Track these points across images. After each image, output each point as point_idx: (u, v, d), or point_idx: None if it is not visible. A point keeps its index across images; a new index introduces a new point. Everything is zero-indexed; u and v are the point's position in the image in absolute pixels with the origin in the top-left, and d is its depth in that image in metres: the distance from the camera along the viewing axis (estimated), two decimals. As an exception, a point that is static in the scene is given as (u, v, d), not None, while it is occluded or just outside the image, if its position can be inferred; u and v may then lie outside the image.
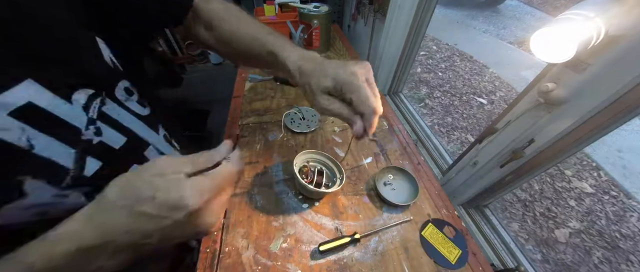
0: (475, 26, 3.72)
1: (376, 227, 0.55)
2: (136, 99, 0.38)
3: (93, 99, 0.31)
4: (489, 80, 2.58)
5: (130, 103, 0.37)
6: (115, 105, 0.34)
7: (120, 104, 0.35)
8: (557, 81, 0.47)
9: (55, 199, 0.28)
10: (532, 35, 0.41)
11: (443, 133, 1.98)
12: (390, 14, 0.93)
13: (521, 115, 0.54)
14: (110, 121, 0.33)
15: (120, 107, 0.35)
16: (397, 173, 0.65)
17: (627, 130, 1.99)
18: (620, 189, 1.60)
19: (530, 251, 1.28)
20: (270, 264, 0.49)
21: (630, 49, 0.37)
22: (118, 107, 0.35)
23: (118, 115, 0.35)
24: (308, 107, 0.83)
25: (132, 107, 0.37)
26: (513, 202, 1.48)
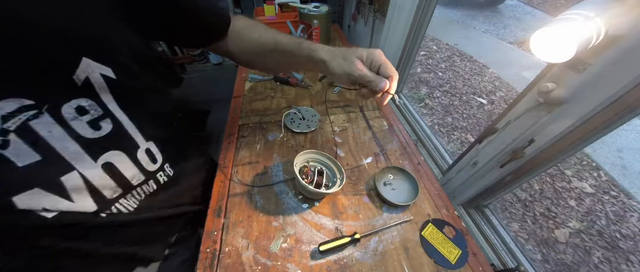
0: (475, 26, 3.72)
1: (376, 227, 0.55)
2: (87, 120, 0.35)
3: (24, 110, 0.29)
4: (489, 80, 2.58)
5: (75, 122, 0.34)
6: (54, 122, 0.32)
7: (61, 122, 0.33)
8: (557, 81, 0.47)
9: None
10: (532, 35, 0.41)
11: (443, 133, 1.98)
12: (390, 14, 0.93)
13: (521, 115, 0.54)
14: (30, 137, 0.31)
15: (59, 125, 0.32)
16: (397, 173, 0.65)
17: (627, 130, 1.99)
18: (620, 189, 1.60)
19: (530, 251, 1.28)
20: (270, 264, 0.49)
21: (630, 49, 0.37)
22: (56, 125, 0.32)
23: (48, 132, 0.32)
24: (308, 107, 0.83)
25: (75, 127, 0.34)
26: (513, 202, 1.48)
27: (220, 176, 0.64)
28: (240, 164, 0.67)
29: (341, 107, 0.87)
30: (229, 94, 0.92)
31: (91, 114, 0.35)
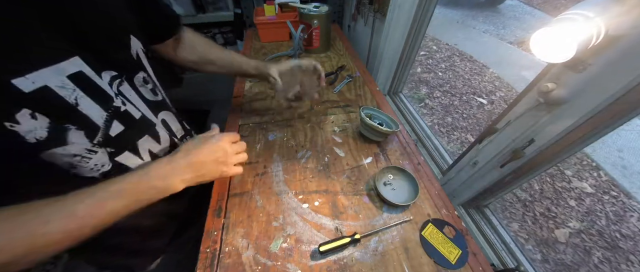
0: (475, 26, 3.72)
1: (376, 227, 0.55)
2: (150, 87, 0.48)
3: (114, 79, 0.40)
4: (489, 80, 2.58)
5: (143, 89, 0.46)
6: (130, 88, 0.43)
7: (135, 89, 0.44)
8: (557, 81, 0.47)
9: (86, 153, 0.37)
10: (532, 35, 0.41)
11: (443, 133, 1.98)
12: (390, 14, 0.93)
13: (521, 115, 0.54)
14: (126, 97, 0.42)
15: (133, 90, 0.44)
16: (397, 173, 0.65)
17: (627, 130, 1.99)
18: (620, 189, 1.60)
19: (530, 251, 1.28)
20: (270, 264, 0.49)
21: (630, 49, 0.37)
22: (131, 89, 0.43)
23: (130, 95, 0.43)
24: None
25: (143, 92, 0.46)
26: (513, 202, 1.48)
27: (220, 176, 0.64)
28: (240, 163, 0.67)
29: (341, 107, 0.87)
30: (229, 94, 0.92)
31: (150, 83, 0.48)
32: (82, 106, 0.35)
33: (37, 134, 0.31)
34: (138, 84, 0.45)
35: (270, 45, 1.24)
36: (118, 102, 0.40)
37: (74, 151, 0.35)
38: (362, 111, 0.71)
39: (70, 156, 0.35)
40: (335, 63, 1.13)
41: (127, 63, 0.43)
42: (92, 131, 0.37)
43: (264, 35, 1.24)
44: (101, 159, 0.40)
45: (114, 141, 0.41)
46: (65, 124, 0.34)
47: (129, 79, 0.43)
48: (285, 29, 1.15)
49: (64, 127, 0.34)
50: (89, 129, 0.36)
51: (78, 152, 0.36)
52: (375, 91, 0.95)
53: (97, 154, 0.39)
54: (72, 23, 0.34)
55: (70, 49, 0.33)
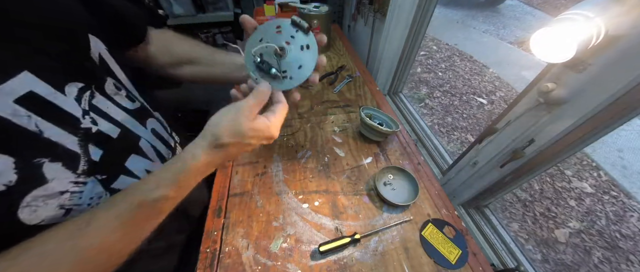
0: (475, 26, 3.71)
1: (376, 227, 0.55)
2: (125, 94, 0.41)
3: (83, 91, 0.33)
4: (489, 80, 2.58)
5: (118, 97, 0.39)
6: (105, 99, 0.36)
7: (109, 98, 0.37)
8: (557, 81, 0.47)
9: (74, 187, 0.31)
10: (532, 35, 0.41)
11: (443, 133, 1.98)
12: (390, 14, 0.93)
13: (521, 115, 0.54)
14: (101, 113, 0.35)
15: (109, 100, 0.37)
16: (397, 173, 0.65)
17: (627, 130, 1.99)
18: (620, 189, 1.60)
19: (530, 251, 1.28)
20: (270, 264, 0.49)
21: (630, 49, 0.37)
22: (106, 100, 0.37)
23: (107, 108, 0.37)
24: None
25: (120, 101, 0.39)
26: (513, 202, 1.48)
27: (220, 176, 0.64)
28: (240, 164, 0.67)
29: (341, 107, 0.87)
30: (229, 94, 0.92)
31: (123, 90, 0.41)
32: (47, 133, 0.28)
33: (4, 178, 0.25)
34: (111, 93, 0.38)
35: (270, 45, 1.24)
36: (87, 122, 0.33)
37: (59, 188, 0.29)
38: (362, 111, 0.71)
39: (56, 195, 0.29)
40: (335, 63, 1.13)
41: (92, 69, 0.35)
42: (70, 160, 0.30)
43: (264, 35, 1.24)
44: (95, 190, 0.33)
45: (101, 167, 0.34)
46: (36, 159, 0.27)
47: (100, 89, 0.36)
48: (285, 29, 1.15)
49: (35, 163, 0.27)
50: (65, 158, 0.30)
51: (63, 188, 0.29)
52: (375, 91, 0.95)
53: (87, 185, 0.32)
54: (9, 24, 0.26)
55: (14, 61, 0.26)
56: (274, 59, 0.40)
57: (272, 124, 0.36)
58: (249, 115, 0.34)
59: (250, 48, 0.40)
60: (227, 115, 0.34)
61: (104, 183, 0.35)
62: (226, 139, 0.33)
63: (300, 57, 0.40)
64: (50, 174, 0.28)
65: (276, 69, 0.39)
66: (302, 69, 0.40)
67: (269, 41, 0.40)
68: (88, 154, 0.32)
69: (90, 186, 0.33)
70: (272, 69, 0.39)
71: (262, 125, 0.35)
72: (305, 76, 0.40)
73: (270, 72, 0.39)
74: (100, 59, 0.37)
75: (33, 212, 0.27)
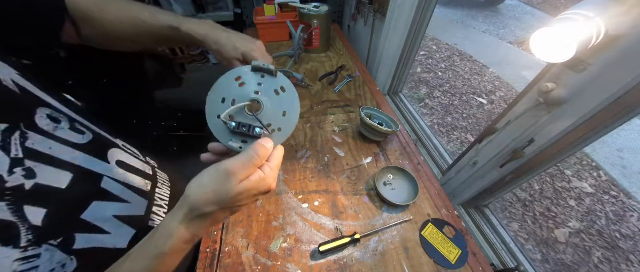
0: (475, 26, 3.71)
1: (376, 227, 0.55)
2: (67, 127, 0.33)
3: (10, 134, 0.26)
4: (489, 80, 2.58)
5: (60, 132, 0.31)
6: (42, 137, 0.29)
7: (49, 135, 0.30)
8: (557, 81, 0.47)
9: (24, 265, 0.24)
10: (532, 35, 0.41)
11: (443, 133, 1.98)
12: (390, 14, 0.93)
13: (521, 115, 0.54)
14: (43, 157, 0.28)
15: (50, 138, 0.30)
16: (397, 173, 0.65)
17: (627, 130, 1.99)
18: (620, 189, 1.60)
19: (530, 251, 1.28)
20: (270, 264, 0.49)
21: (630, 49, 0.37)
22: (47, 139, 0.29)
23: (50, 148, 0.29)
24: None
25: (64, 137, 0.32)
26: (513, 202, 1.48)
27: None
28: (240, 164, 0.67)
29: (341, 107, 0.87)
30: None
31: (62, 120, 0.32)
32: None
33: None
34: (49, 129, 0.30)
35: (270, 45, 1.24)
36: (16, 178, 0.25)
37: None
38: (362, 111, 0.71)
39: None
40: (335, 63, 1.13)
41: (11, 102, 0.28)
42: (6, 234, 0.24)
43: (264, 35, 1.24)
44: (55, 258, 0.27)
45: (50, 230, 0.27)
46: None
47: (32, 126, 0.28)
48: (285, 29, 1.15)
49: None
50: (0, 233, 0.24)
51: (10, 269, 0.23)
52: (375, 91, 0.95)
53: (41, 258, 0.26)
54: None
55: None
56: (249, 117, 0.33)
57: (268, 176, 0.30)
58: (240, 177, 0.28)
59: (215, 113, 0.32)
60: (209, 181, 0.28)
61: (63, 248, 0.28)
62: (209, 208, 0.27)
63: (279, 103, 0.34)
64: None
65: (260, 126, 0.32)
66: (288, 116, 0.34)
67: (235, 98, 0.33)
68: (26, 220, 0.25)
69: (47, 256, 0.26)
70: (255, 128, 0.32)
71: (256, 181, 0.29)
72: (295, 121, 0.34)
73: (255, 133, 0.32)
74: (18, 86, 0.29)
75: None
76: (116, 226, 0.35)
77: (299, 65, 1.10)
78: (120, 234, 0.35)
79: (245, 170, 0.28)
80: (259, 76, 0.34)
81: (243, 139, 0.33)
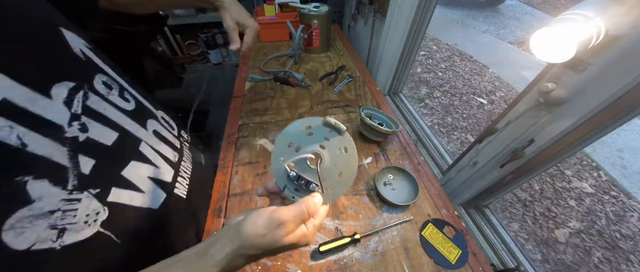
0: (475, 26, 3.71)
1: (376, 227, 0.55)
2: (117, 93, 0.38)
3: (75, 92, 0.30)
4: (489, 80, 2.58)
5: (113, 97, 0.36)
6: (99, 99, 0.33)
7: (104, 98, 0.34)
8: (557, 81, 0.47)
9: (66, 205, 0.28)
10: (532, 35, 0.41)
11: (443, 133, 1.98)
12: (390, 14, 0.93)
13: (521, 115, 0.54)
14: (97, 116, 0.32)
15: (104, 101, 0.34)
16: (397, 173, 0.65)
17: (627, 131, 1.99)
18: (620, 189, 1.60)
19: (530, 251, 1.28)
20: (270, 264, 0.49)
21: (630, 49, 0.37)
22: (102, 101, 0.34)
23: (104, 109, 0.34)
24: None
25: (115, 102, 0.36)
26: (513, 202, 1.48)
27: (221, 175, 0.64)
28: (240, 164, 0.67)
29: (341, 107, 0.87)
30: (228, 94, 0.92)
31: (113, 87, 0.37)
32: (32, 146, 0.25)
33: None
34: (104, 93, 0.35)
35: (270, 45, 1.24)
36: (73, 130, 0.29)
37: (48, 207, 0.26)
38: (362, 111, 0.71)
39: (45, 215, 0.25)
40: (335, 63, 1.13)
41: (79, 66, 0.33)
42: (58, 175, 0.27)
43: (264, 35, 1.24)
44: (91, 206, 0.30)
45: (93, 180, 0.31)
46: (17, 177, 0.24)
47: (91, 88, 0.33)
48: (285, 29, 1.15)
49: (17, 182, 0.24)
50: (52, 174, 0.27)
51: (53, 207, 0.26)
52: (375, 91, 0.95)
53: (81, 202, 0.29)
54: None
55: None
56: (309, 170, 0.34)
57: (309, 233, 0.31)
58: (288, 229, 0.29)
59: (280, 156, 0.34)
60: (264, 225, 0.29)
61: (99, 197, 0.31)
62: (255, 251, 0.29)
63: (339, 162, 0.34)
64: (35, 192, 0.25)
65: (317, 183, 0.33)
66: (344, 178, 0.34)
67: (300, 145, 0.34)
68: (78, 167, 0.29)
69: (85, 202, 0.29)
70: (311, 184, 0.33)
71: (299, 236, 0.30)
72: (348, 185, 0.35)
73: (310, 188, 0.33)
74: (84, 54, 0.34)
75: (19, 234, 0.24)
76: (150, 187, 0.39)
77: (299, 65, 1.10)
78: (153, 195, 0.39)
79: (294, 223, 0.30)
80: (327, 131, 0.34)
81: (296, 188, 0.34)
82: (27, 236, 0.24)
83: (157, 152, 0.42)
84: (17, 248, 0.24)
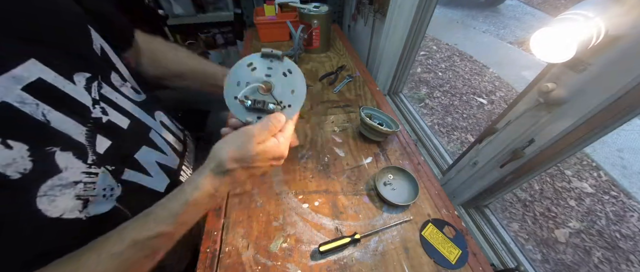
0: (475, 26, 3.71)
1: (376, 227, 0.55)
2: (130, 86, 0.41)
3: (91, 81, 0.33)
4: (489, 80, 2.58)
5: (125, 89, 0.40)
6: (111, 89, 0.37)
7: (116, 89, 0.38)
8: (557, 81, 0.47)
9: (87, 178, 0.31)
10: (532, 35, 0.41)
11: (443, 133, 1.98)
12: (390, 14, 0.93)
13: (521, 115, 0.54)
14: (111, 103, 0.36)
15: (116, 91, 0.38)
16: (397, 173, 0.65)
17: (627, 131, 1.99)
18: (620, 189, 1.60)
19: (530, 251, 1.28)
20: (270, 264, 0.49)
21: (630, 49, 0.37)
22: (114, 91, 0.37)
23: (116, 98, 0.37)
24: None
25: (127, 93, 0.40)
26: (513, 202, 1.48)
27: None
28: (240, 164, 0.67)
29: (341, 107, 0.87)
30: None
31: (128, 82, 0.41)
32: (54, 123, 0.28)
33: (20, 166, 0.24)
34: (118, 85, 0.38)
35: (270, 45, 1.24)
36: (97, 112, 0.33)
37: (72, 178, 0.29)
38: (362, 111, 0.71)
39: (71, 185, 0.28)
40: (335, 63, 1.13)
41: (96, 60, 0.36)
42: (80, 150, 0.30)
43: (264, 35, 1.24)
44: (106, 181, 0.33)
45: (108, 158, 0.34)
46: (47, 147, 0.27)
47: (106, 80, 0.36)
48: (285, 29, 1.15)
49: (47, 152, 0.27)
50: (75, 148, 0.30)
51: (77, 178, 0.29)
52: (375, 91, 0.95)
53: (98, 176, 0.32)
54: (13, 13, 0.26)
55: (20, 49, 0.26)
56: (262, 96, 0.38)
57: (281, 143, 0.35)
58: (258, 139, 0.33)
59: (232, 95, 0.38)
60: (233, 140, 0.33)
61: (114, 174, 0.34)
62: (231, 165, 0.32)
63: (288, 83, 0.40)
64: (62, 162, 0.28)
65: (273, 102, 0.38)
66: (296, 93, 0.40)
67: (249, 81, 0.38)
68: (94, 146, 0.32)
69: (102, 177, 0.32)
70: (269, 104, 0.38)
71: (271, 146, 0.34)
72: (302, 98, 0.40)
73: (268, 108, 0.38)
74: (102, 51, 0.37)
75: (51, 202, 0.27)
76: (157, 171, 0.42)
77: (299, 65, 1.10)
78: (159, 179, 0.42)
79: (262, 134, 0.33)
80: (268, 61, 0.39)
81: (258, 115, 0.38)
82: (58, 204, 0.27)
83: (165, 140, 0.45)
84: (50, 215, 0.26)
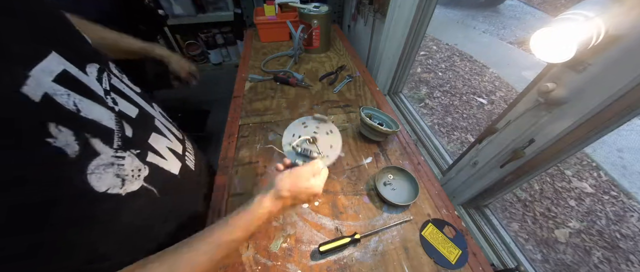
0: (475, 26, 3.71)
1: (376, 227, 0.55)
2: (127, 78, 0.44)
3: (101, 72, 0.35)
4: (489, 80, 2.57)
5: (126, 80, 0.42)
6: (118, 80, 0.39)
7: (121, 80, 0.40)
8: (557, 81, 0.47)
9: (116, 161, 0.33)
10: (532, 35, 0.41)
11: (443, 133, 1.97)
12: (390, 14, 0.93)
13: (521, 115, 0.54)
14: (120, 93, 0.38)
15: (122, 82, 0.40)
16: (397, 173, 0.65)
17: (627, 130, 1.99)
18: (620, 189, 1.59)
19: (530, 251, 1.28)
20: (270, 264, 0.49)
21: (630, 49, 0.37)
22: (120, 81, 0.39)
23: (123, 89, 0.39)
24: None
25: (129, 84, 0.42)
26: (513, 202, 1.48)
27: (221, 176, 0.64)
28: (240, 164, 0.67)
29: (341, 107, 0.87)
30: (229, 94, 0.92)
31: (125, 75, 0.43)
32: (84, 111, 0.30)
33: (72, 148, 0.27)
34: (119, 77, 0.41)
35: (270, 45, 1.24)
36: (109, 102, 0.35)
37: (106, 160, 0.31)
38: (362, 111, 0.71)
39: (109, 166, 0.32)
40: (335, 63, 1.13)
41: (96, 52, 0.37)
42: (106, 135, 0.32)
43: (264, 35, 1.24)
44: (134, 163, 0.36)
45: (133, 142, 0.36)
46: (82, 133, 0.29)
47: (111, 71, 0.38)
48: (285, 29, 1.15)
49: (85, 137, 0.29)
50: (102, 134, 0.32)
51: (109, 161, 0.32)
52: (375, 91, 0.95)
53: (126, 159, 0.34)
54: (25, 12, 0.28)
55: (42, 42, 0.28)
56: (310, 146, 0.55)
57: (317, 185, 0.45)
58: (308, 178, 0.44)
59: (288, 142, 0.56)
60: (291, 176, 0.43)
61: (140, 157, 0.37)
62: (286, 193, 0.42)
63: (329, 139, 0.57)
64: (96, 147, 0.30)
65: (317, 151, 0.53)
66: (333, 148, 0.56)
67: (301, 135, 0.57)
68: (123, 130, 0.35)
69: (129, 159, 0.35)
70: (312, 152, 0.53)
71: (315, 185, 0.45)
72: (337, 153, 0.55)
73: (312, 156, 0.52)
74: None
75: (99, 178, 0.30)
76: (170, 156, 0.46)
77: (299, 65, 1.10)
78: (172, 162, 0.46)
79: (307, 174, 0.44)
80: (317, 122, 0.60)
81: (304, 159, 0.53)
82: (104, 180, 0.31)
83: (167, 128, 0.48)
84: (99, 190, 0.30)
